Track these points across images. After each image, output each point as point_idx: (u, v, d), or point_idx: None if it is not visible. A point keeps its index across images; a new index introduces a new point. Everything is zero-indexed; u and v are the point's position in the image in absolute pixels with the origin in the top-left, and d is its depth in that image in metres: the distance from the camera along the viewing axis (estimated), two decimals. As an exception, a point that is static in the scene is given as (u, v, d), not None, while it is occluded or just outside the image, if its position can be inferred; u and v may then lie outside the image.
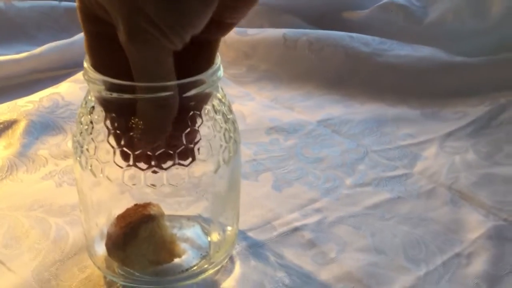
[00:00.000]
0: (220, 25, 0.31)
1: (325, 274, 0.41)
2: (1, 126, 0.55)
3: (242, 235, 0.44)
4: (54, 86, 0.63)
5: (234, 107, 0.62)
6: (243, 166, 0.53)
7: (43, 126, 0.56)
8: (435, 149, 0.56)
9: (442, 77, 0.68)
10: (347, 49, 0.70)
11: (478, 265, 0.42)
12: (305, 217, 0.46)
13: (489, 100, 0.64)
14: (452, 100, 0.65)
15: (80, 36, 0.70)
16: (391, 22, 0.74)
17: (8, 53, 0.70)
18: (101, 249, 0.39)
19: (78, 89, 0.62)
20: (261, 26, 0.76)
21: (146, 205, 0.39)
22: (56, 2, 0.77)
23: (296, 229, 0.45)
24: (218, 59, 0.35)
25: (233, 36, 0.74)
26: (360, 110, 0.64)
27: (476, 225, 0.46)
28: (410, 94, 0.66)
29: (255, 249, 0.43)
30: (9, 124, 0.56)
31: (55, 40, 0.70)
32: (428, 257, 0.43)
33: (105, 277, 0.39)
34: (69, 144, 0.54)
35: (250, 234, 0.44)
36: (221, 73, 0.35)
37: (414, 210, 0.48)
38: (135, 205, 0.39)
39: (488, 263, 0.42)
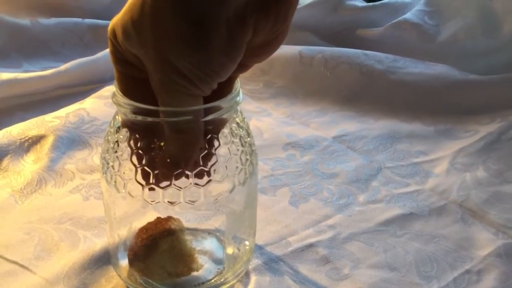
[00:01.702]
0: (242, 67, 0.34)
1: (339, 289, 0.42)
2: (30, 141, 0.58)
3: (258, 250, 0.46)
4: (79, 102, 0.65)
5: (251, 123, 0.65)
6: (262, 181, 0.55)
7: (70, 141, 0.59)
8: (446, 166, 0.58)
9: (455, 94, 0.69)
10: (362, 67, 0.72)
11: (488, 282, 0.44)
12: (319, 234, 0.48)
13: (500, 118, 0.65)
14: (465, 117, 0.67)
15: (104, 53, 0.73)
16: (404, 40, 0.76)
17: (34, 69, 0.73)
18: (123, 260, 0.42)
19: (103, 105, 0.65)
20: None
21: (167, 219, 0.41)
22: (80, 20, 0.80)
23: (310, 245, 0.47)
24: (238, 84, 0.37)
25: (251, 52, 0.76)
26: (374, 126, 0.66)
27: (486, 243, 0.48)
28: (424, 111, 0.68)
29: (271, 264, 0.45)
30: (37, 139, 0.58)
31: (79, 56, 0.72)
32: (439, 273, 0.44)
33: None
34: (95, 158, 0.57)
35: (267, 249, 0.46)
36: (240, 98, 0.37)
37: (425, 227, 0.49)
38: (157, 218, 0.42)
39: (497, 280, 0.44)
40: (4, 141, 0.57)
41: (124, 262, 0.42)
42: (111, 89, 0.68)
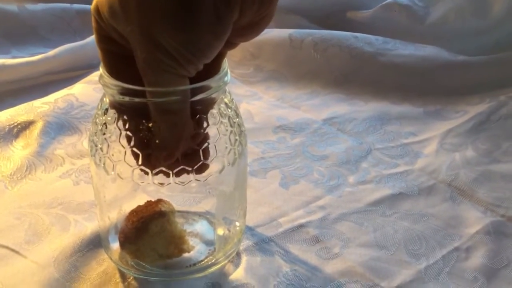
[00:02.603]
0: (229, 45, 0.34)
1: (329, 269, 0.43)
2: (19, 127, 0.58)
3: (249, 231, 0.46)
4: (68, 88, 0.65)
5: (242, 106, 0.65)
6: (252, 163, 0.55)
7: (59, 126, 0.59)
8: (435, 146, 0.58)
9: (444, 75, 0.69)
10: (351, 49, 0.72)
11: (476, 259, 0.44)
12: (309, 214, 0.48)
13: (489, 98, 0.66)
14: (454, 98, 0.67)
15: (92, 38, 0.72)
16: (394, 21, 0.76)
17: (23, 55, 0.72)
18: (114, 243, 0.42)
19: (92, 90, 0.65)
20: (267, 27, 0.78)
21: (157, 202, 0.42)
22: (68, 5, 0.79)
23: (301, 226, 0.47)
24: (225, 64, 0.37)
25: (240, 36, 0.76)
26: (364, 109, 0.66)
27: (474, 220, 0.48)
28: (413, 93, 0.68)
29: (262, 245, 0.45)
30: (27, 125, 0.58)
31: (68, 42, 0.72)
32: (428, 251, 0.45)
33: (120, 270, 0.42)
34: (84, 143, 0.57)
35: (257, 230, 0.46)
36: (228, 78, 0.37)
37: (414, 206, 0.50)
38: (147, 201, 0.42)
39: (486, 257, 0.45)
40: (-7, 128, 0.57)
41: (115, 245, 0.42)
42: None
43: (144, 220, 0.40)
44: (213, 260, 0.42)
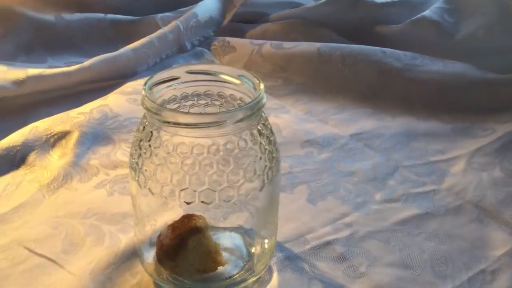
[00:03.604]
0: None
1: (356, 287, 0.44)
2: (56, 136, 0.60)
3: (278, 246, 0.47)
4: (102, 98, 0.67)
5: (270, 120, 0.65)
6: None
7: (94, 136, 0.60)
8: (463, 165, 0.59)
9: (473, 93, 0.69)
10: (380, 64, 0.73)
11: (502, 282, 0.45)
12: (336, 231, 0.49)
13: (519, 117, 0.66)
14: (483, 116, 0.67)
15: (126, 48, 0.74)
16: (423, 37, 0.76)
17: (58, 64, 0.75)
18: (150, 256, 0.43)
19: (125, 100, 0.67)
20: (296, 40, 0.79)
21: (192, 217, 0.43)
22: (102, 15, 0.82)
23: (328, 243, 0.48)
24: (262, 86, 0.38)
25: (269, 49, 0.78)
26: (392, 124, 0.66)
27: (501, 243, 0.48)
28: (441, 110, 0.68)
29: (291, 260, 0.46)
30: (63, 135, 0.60)
31: (102, 52, 0.74)
32: (454, 273, 0.45)
33: (154, 283, 0.43)
34: (118, 154, 0.59)
35: (286, 245, 0.47)
36: (265, 100, 0.38)
37: (441, 226, 0.50)
38: (182, 216, 0.43)
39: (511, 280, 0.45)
40: (31, 137, 0.59)
41: (150, 258, 0.43)
42: (133, 85, 0.70)
43: (182, 236, 0.41)
44: (246, 275, 0.43)
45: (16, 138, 0.59)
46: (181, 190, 0.38)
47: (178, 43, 0.80)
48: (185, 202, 0.39)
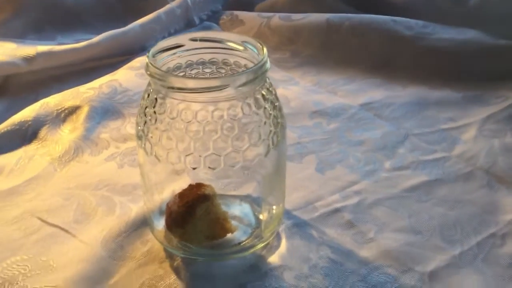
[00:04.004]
0: None
1: (364, 253, 0.44)
2: (66, 111, 0.60)
3: (286, 214, 0.47)
4: (111, 73, 0.67)
5: (279, 91, 0.65)
6: (289, 148, 0.56)
7: (104, 111, 0.61)
8: (474, 133, 0.58)
9: (485, 60, 0.68)
10: (390, 33, 0.72)
11: (512, 246, 0.45)
12: (345, 199, 0.49)
13: (532, 84, 0.65)
14: (495, 83, 0.66)
15: (134, 24, 0.74)
16: (434, 4, 0.75)
17: (68, 41, 0.75)
18: (160, 225, 0.44)
19: (134, 75, 0.67)
20: (304, 11, 0.78)
21: (200, 186, 0.43)
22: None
23: (336, 210, 0.48)
24: (265, 52, 0.38)
25: (278, 21, 0.77)
26: (402, 94, 0.66)
27: (511, 207, 0.48)
28: (453, 78, 0.68)
29: (299, 227, 0.46)
30: (73, 110, 0.61)
31: (110, 28, 0.74)
32: (463, 237, 0.45)
33: (165, 250, 0.44)
34: (128, 128, 0.59)
35: (294, 213, 0.48)
36: (268, 65, 0.38)
37: (451, 192, 0.50)
38: (190, 185, 0.43)
39: (522, 244, 0.45)
40: (42, 112, 0.60)
41: (160, 226, 0.44)
42: (142, 60, 0.71)
43: (190, 204, 0.42)
44: (255, 241, 0.44)
45: (27, 113, 0.59)
46: (187, 155, 0.38)
47: (186, 18, 0.80)
48: (191, 167, 0.39)
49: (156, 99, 0.38)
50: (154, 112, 0.38)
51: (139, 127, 0.40)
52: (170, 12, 0.77)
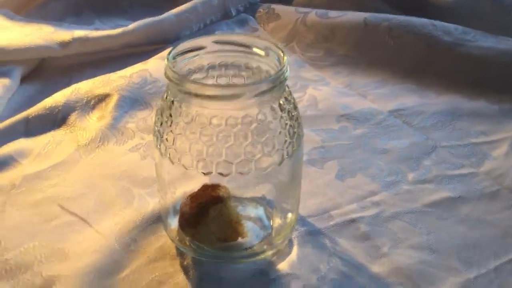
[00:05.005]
0: None
1: (376, 268, 0.43)
2: (96, 99, 0.61)
3: (301, 221, 0.47)
4: (143, 62, 0.68)
5: (309, 92, 0.65)
6: (311, 152, 0.55)
7: (132, 100, 0.62)
8: (506, 149, 0.56)
9: (526, 72, 0.66)
10: (428, 38, 0.69)
11: (532, 273, 0.43)
12: (363, 210, 0.48)
13: None
14: (534, 97, 0.63)
15: (169, 13, 0.75)
16: (477, 10, 0.72)
17: (105, 27, 0.76)
18: (174, 223, 0.44)
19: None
20: (343, 9, 0.77)
21: (215, 187, 0.43)
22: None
23: (352, 221, 0.47)
24: (285, 59, 0.38)
25: (314, 18, 0.76)
26: (435, 102, 0.64)
27: (536, 233, 0.46)
28: (490, 88, 0.65)
29: (313, 235, 0.46)
30: (103, 98, 0.62)
31: (148, 16, 0.75)
32: (481, 260, 0.44)
33: (177, 248, 0.44)
34: (154, 119, 0.59)
35: (309, 220, 0.47)
36: (287, 74, 0.38)
37: (473, 211, 0.48)
38: (204, 185, 0.44)
39: (542, 272, 0.43)
40: (73, 98, 0.61)
41: (174, 225, 0.44)
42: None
43: (204, 205, 0.42)
44: (266, 247, 0.44)
45: (58, 98, 0.61)
46: (199, 161, 0.38)
47: (223, 9, 0.80)
48: (202, 172, 0.39)
49: (172, 102, 0.38)
50: (170, 115, 0.38)
51: (156, 127, 0.40)
52: (206, 2, 0.77)
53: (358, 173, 0.53)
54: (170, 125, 0.38)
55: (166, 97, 0.39)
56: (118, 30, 0.71)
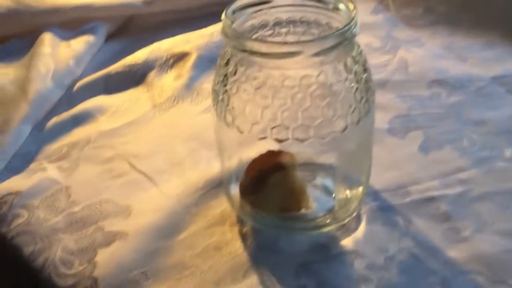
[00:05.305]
0: None
1: (453, 253, 0.38)
2: (175, 57, 0.61)
3: (373, 195, 0.43)
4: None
5: (399, 53, 0.60)
6: (394, 120, 0.51)
7: (211, 59, 0.60)
8: None
9: None
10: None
11: None
12: (446, 187, 0.43)
13: None
14: None
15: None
16: None
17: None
18: (235, 190, 0.42)
19: (247, 24, 0.65)
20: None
21: (279, 153, 0.41)
22: None
23: (432, 199, 0.42)
24: (355, 13, 0.34)
25: (414, -30, 0.68)
26: (550, 68, 0.55)
27: None
28: None
29: (384, 211, 0.42)
30: (181, 56, 0.61)
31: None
32: None
33: (237, 215, 0.43)
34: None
35: (382, 195, 0.43)
36: (356, 30, 0.33)
37: None
38: (269, 151, 0.41)
39: None
40: (152, 56, 0.61)
41: (235, 191, 0.43)
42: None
43: (263, 172, 0.40)
44: (329, 220, 0.41)
45: (138, 56, 0.61)
46: (254, 124, 0.35)
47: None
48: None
49: (228, 60, 0.35)
50: (226, 74, 0.36)
51: (214, 87, 0.38)
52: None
53: (445, 145, 0.47)
54: (225, 85, 0.36)
55: (224, 55, 0.37)
56: (202, -14, 0.69)
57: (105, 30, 0.65)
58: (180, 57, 0.61)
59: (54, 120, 0.54)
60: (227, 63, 0.36)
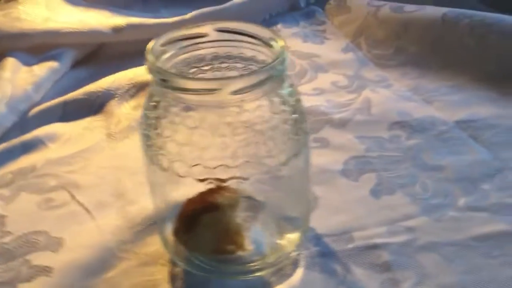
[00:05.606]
0: None
1: (389, 306, 0.36)
2: (137, 87, 0.59)
3: (315, 239, 0.41)
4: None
5: (364, 93, 0.58)
6: (349, 161, 0.49)
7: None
8: None
9: None
10: (517, 39, 0.59)
11: None
12: (391, 235, 0.41)
13: None
14: None
15: (232, 3, 0.71)
16: None
17: (169, 15, 0.74)
18: (169, 229, 0.40)
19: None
20: (422, 3, 0.68)
21: (218, 191, 0.39)
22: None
23: (375, 246, 0.40)
24: (281, 51, 0.32)
25: (387, 12, 0.68)
26: (514, 115, 0.54)
27: None
28: None
29: (324, 258, 0.40)
30: (144, 86, 0.59)
31: (213, 5, 0.72)
32: (528, 314, 0.35)
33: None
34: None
35: (325, 240, 0.41)
36: (283, 68, 0.32)
37: (531, 253, 0.39)
38: (209, 189, 0.39)
39: None
40: (114, 85, 0.60)
41: (169, 231, 0.41)
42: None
43: (195, 212, 0.38)
44: (263, 265, 0.39)
45: (101, 84, 0.60)
46: (191, 166, 0.34)
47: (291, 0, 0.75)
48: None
49: (158, 102, 0.34)
50: (157, 117, 0.34)
51: (143, 131, 0.36)
52: (275, -9, 0.73)
53: (397, 190, 0.46)
54: (156, 128, 0.35)
55: (151, 98, 0.35)
56: (175, 19, 0.69)
57: (72, 56, 0.65)
58: (142, 87, 0.60)
59: (4, 146, 0.53)
60: (156, 106, 0.35)
